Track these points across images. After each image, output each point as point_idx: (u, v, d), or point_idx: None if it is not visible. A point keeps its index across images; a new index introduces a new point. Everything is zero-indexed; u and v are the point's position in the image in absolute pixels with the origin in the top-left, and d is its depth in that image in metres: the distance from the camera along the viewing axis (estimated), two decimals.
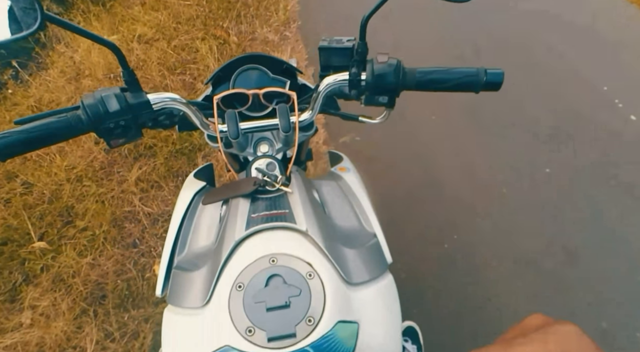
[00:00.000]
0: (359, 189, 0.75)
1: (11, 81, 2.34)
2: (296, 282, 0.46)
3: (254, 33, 2.61)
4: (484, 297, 1.39)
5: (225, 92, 0.61)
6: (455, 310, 1.36)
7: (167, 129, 0.61)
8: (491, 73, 0.56)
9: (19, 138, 0.47)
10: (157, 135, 1.88)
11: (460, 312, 1.35)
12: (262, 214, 0.54)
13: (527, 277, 1.43)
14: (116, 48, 0.49)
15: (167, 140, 1.87)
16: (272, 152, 0.70)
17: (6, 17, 0.44)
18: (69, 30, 0.45)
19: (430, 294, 1.40)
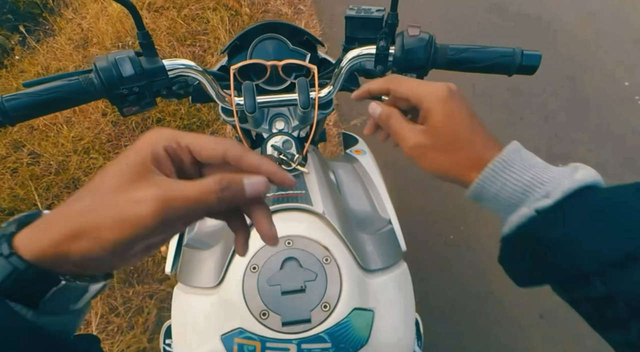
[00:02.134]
0: (374, 173, 0.73)
1: (18, 47, 2.30)
2: (312, 266, 0.44)
3: (267, 5, 2.52)
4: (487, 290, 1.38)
5: (243, 62, 0.57)
6: (456, 300, 1.35)
7: (180, 99, 0.58)
8: (528, 55, 0.51)
9: (28, 101, 0.44)
10: (165, 109, 1.85)
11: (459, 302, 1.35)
12: (278, 194, 0.52)
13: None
14: (132, 7, 0.46)
15: (175, 115, 1.84)
16: (288, 129, 0.66)
17: None
18: None
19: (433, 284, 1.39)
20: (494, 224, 1.52)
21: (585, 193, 0.27)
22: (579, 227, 0.26)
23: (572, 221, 0.26)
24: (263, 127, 0.65)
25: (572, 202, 0.27)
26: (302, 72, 0.64)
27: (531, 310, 1.30)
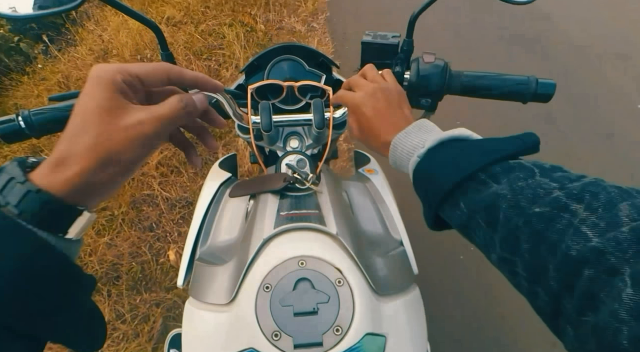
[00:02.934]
0: (386, 193, 0.73)
1: (41, 56, 2.39)
2: (325, 288, 0.44)
3: (282, 22, 2.58)
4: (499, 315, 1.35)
5: (261, 83, 0.59)
6: (466, 324, 1.32)
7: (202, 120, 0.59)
8: (543, 84, 0.52)
9: (54, 115, 0.46)
10: None
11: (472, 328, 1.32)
12: (292, 213, 0.52)
13: None
14: (158, 29, 0.48)
15: None
16: (302, 148, 0.68)
17: None
18: (113, 7, 0.44)
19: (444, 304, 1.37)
20: None
21: (451, 143, 0.36)
22: (440, 161, 0.35)
23: (436, 158, 0.36)
24: (278, 145, 0.67)
25: (438, 149, 0.37)
26: (317, 93, 0.66)
27: (544, 338, 1.27)
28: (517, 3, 0.49)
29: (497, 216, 0.29)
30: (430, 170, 0.36)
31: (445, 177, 0.34)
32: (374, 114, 0.44)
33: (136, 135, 0.27)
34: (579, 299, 0.23)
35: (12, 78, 2.24)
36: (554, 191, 0.27)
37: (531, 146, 0.34)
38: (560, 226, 0.25)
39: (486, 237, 0.31)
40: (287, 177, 0.56)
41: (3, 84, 2.21)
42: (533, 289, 0.27)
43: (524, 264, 0.27)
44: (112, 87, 0.27)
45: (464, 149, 0.35)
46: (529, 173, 0.30)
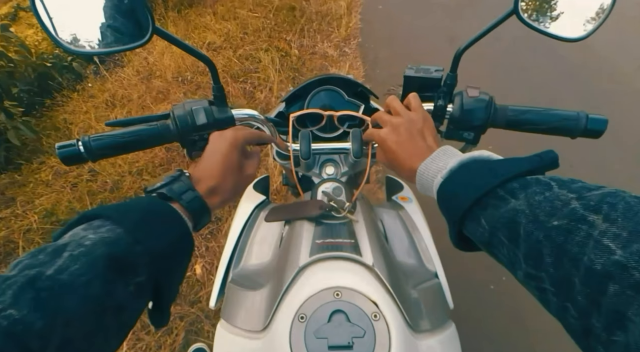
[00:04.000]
0: (420, 222, 0.72)
1: (91, 76, 2.58)
2: (361, 321, 0.43)
3: (315, 47, 2.67)
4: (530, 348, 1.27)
5: (303, 111, 0.61)
6: None
7: None
8: (593, 119, 0.51)
9: (111, 141, 0.49)
10: None
11: None
12: (327, 241, 0.52)
13: None
14: (211, 64, 0.51)
15: None
16: (337, 175, 0.68)
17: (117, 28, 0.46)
18: (174, 44, 0.47)
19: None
20: None
21: (472, 164, 0.38)
22: (461, 180, 0.37)
23: (458, 178, 0.38)
24: (314, 171, 0.68)
25: (459, 169, 0.39)
26: (354, 121, 0.67)
27: None
28: (566, 39, 0.48)
29: (517, 231, 0.29)
30: (452, 189, 0.38)
31: (465, 194, 0.35)
32: (397, 147, 0.48)
33: (248, 179, 0.50)
34: (606, 317, 0.22)
35: (63, 94, 2.42)
36: (571, 201, 0.27)
37: (549, 162, 0.34)
38: (578, 238, 0.25)
39: (510, 254, 0.31)
40: (323, 205, 0.56)
41: (55, 100, 2.39)
42: (562, 304, 0.26)
43: (550, 278, 0.27)
44: (240, 150, 0.48)
45: (483, 167, 0.36)
46: (546, 186, 0.30)
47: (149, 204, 0.37)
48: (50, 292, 0.25)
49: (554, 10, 0.51)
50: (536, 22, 0.49)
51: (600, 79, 2.35)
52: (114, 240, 0.31)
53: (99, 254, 0.29)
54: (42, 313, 0.24)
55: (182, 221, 0.38)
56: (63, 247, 0.29)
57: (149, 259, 0.33)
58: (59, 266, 0.27)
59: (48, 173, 1.91)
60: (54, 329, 0.24)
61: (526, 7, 0.49)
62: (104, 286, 0.28)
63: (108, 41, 0.45)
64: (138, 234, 0.32)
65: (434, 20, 2.99)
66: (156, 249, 0.33)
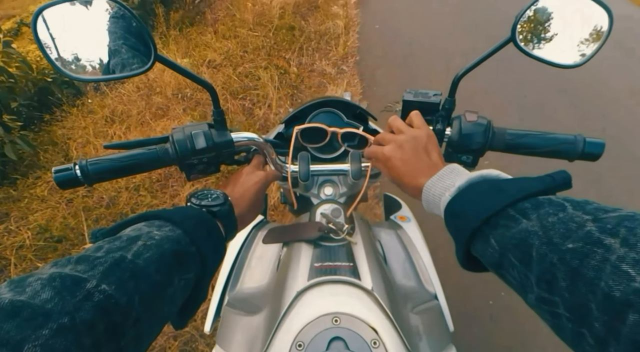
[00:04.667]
0: (419, 241, 0.71)
1: (91, 92, 2.60)
2: (360, 349, 0.42)
3: (313, 65, 2.71)
4: None
5: (307, 125, 0.61)
6: None
7: (240, 165, 0.62)
8: (590, 143, 0.51)
9: (108, 166, 0.49)
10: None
11: None
12: (325, 265, 0.52)
13: None
14: (212, 89, 0.51)
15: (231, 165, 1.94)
16: (335, 196, 0.68)
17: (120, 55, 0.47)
18: (175, 70, 0.47)
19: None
20: None
21: (481, 183, 0.37)
22: (470, 199, 0.37)
23: (467, 196, 0.37)
24: (312, 191, 0.67)
25: (468, 188, 0.38)
26: (353, 142, 0.67)
27: None
28: (563, 66, 0.49)
29: (529, 253, 0.28)
30: (460, 208, 0.37)
31: (474, 213, 0.34)
32: (401, 164, 0.47)
33: (259, 210, 0.56)
34: (625, 347, 0.21)
35: (62, 109, 2.43)
36: (586, 223, 0.26)
37: (561, 183, 0.33)
38: (594, 262, 0.24)
39: (521, 276, 0.30)
40: (322, 227, 0.56)
41: (54, 115, 2.40)
42: (578, 331, 0.25)
43: (564, 303, 0.25)
44: (265, 189, 0.56)
45: (493, 186, 0.35)
46: (559, 207, 0.29)
47: (201, 215, 0.42)
48: (131, 273, 0.29)
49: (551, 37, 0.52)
50: (534, 50, 0.50)
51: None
52: (176, 238, 0.35)
53: (167, 247, 0.33)
54: (125, 291, 0.27)
55: (222, 235, 0.44)
56: (137, 237, 0.33)
57: (199, 259, 0.37)
58: (135, 252, 0.30)
59: (44, 188, 1.89)
60: (132, 307, 0.27)
61: (523, 34, 0.50)
62: (167, 275, 0.32)
63: (110, 68, 0.45)
64: (194, 236, 0.37)
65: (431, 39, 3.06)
66: (206, 251, 0.38)
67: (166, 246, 0.33)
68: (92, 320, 0.24)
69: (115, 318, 0.26)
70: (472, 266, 0.38)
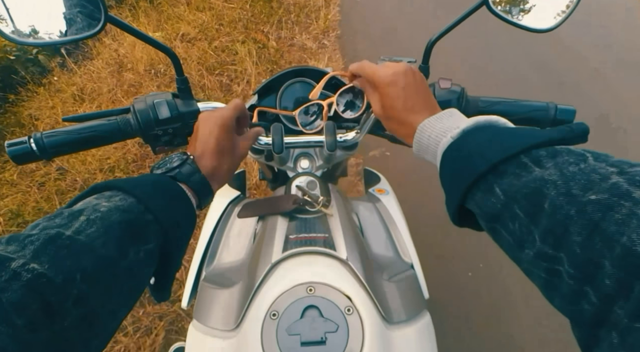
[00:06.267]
0: (397, 214, 0.72)
1: (57, 69, 2.45)
2: (334, 316, 0.42)
3: (293, 39, 2.63)
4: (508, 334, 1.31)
5: (269, 109, 0.59)
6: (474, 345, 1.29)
7: None
8: (562, 110, 0.52)
9: (66, 138, 0.46)
10: None
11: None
12: (301, 236, 0.51)
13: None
14: (174, 55, 0.48)
15: None
16: (312, 169, 0.67)
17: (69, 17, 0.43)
18: (129, 33, 0.44)
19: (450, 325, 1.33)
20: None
21: (485, 127, 0.35)
22: (477, 142, 0.33)
23: (473, 139, 0.34)
24: (288, 165, 0.66)
25: (475, 130, 0.35)
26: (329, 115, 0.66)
27: None
28: (535, 31, 0.48)
29: (541, 204, 0.26)
30: (464, 151, 0.34)
31: (481, 157, 0.31)
32: (402, 93, 0.42)
33: (242, 155, 0.49)
34: (635, 303, 0.20)
35: (28, 89, 2.29)
36: (611, 175, 0.24)
37: (580, 134, 0.31)
38: (619, 216, 0.22)
39: (522, 230, 0.28)
40: (297, 199, 0.55)
41: (19, 95, 2.27)
42: (579, 288, 0.24)
43: (572, 259, 0.24)
44: (230, 130, 0.47)
45: (503, 131, 0.32)
46: (580, 157, 0.27)
47: (158, 180, 0.39)
48: (69, 250, 0.27)
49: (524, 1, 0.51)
50: (506, 13, 0.50)
51: None
52: (127, 208, 0.33)
53: (114, 219, 0.31)
54: (61, 269, 0.26)
55: (188, 199, 0.41)
56: (79, 212, 0.31)
57: (158, 228, 0.35)
58: (76, 228, 0.29)
59: (13, 172, 1.81)
60: (72, 285, 0.26)
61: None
62: (118, 248, 0.30)
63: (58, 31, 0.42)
64: (149, 204, 0.34)
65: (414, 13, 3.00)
66: (165, 219, 0.35)
67: (114, 217, 0.31)
68: (21, 300, 0.23)
69: (50, 298, 0.24)
70: (461, 220, 0.36)
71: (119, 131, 0.48)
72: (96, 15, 0.41)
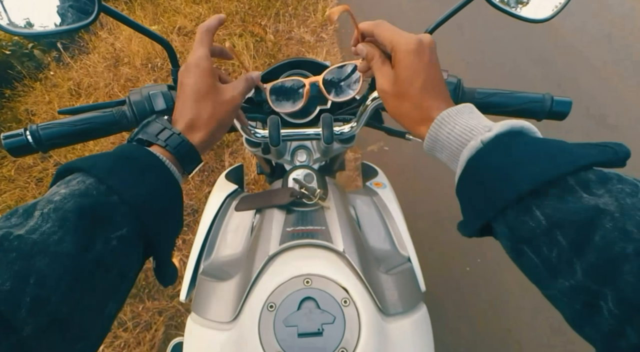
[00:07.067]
0: (394, 207, 0.72)
1: (53, 63, 2.43)
2: (330, 308, 0.43)
3: (291, 32, 2.61)
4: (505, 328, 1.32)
5: (277, 81, 0.57)
6: (471, 338, 1.30)
7: None
8: (558, 101, 0.51)
9: (62, 130, 0.46)
10: None
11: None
12: (298, 229, 0.52)
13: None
14: (169, 46, 0.48)
15: None
16: (309, 162, 0.67)
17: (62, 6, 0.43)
18: (124, 23, 0.44)
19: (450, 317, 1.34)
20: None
21: (517, 133, 0.31)
22: (515, 154, 0.29)
23: (510, 149, 0.30)
24: (285, 158, 0.66)
25: (509, 136, 0.31)
26: (326, 107, 0.66)
27: (550, 351, 1.24)
28: (532, 21, 0.48)
29: (591, 235, 0.24)
30: (498, 162, 0.29)
31: (523, 174, 0.27)
32: (426, 68, 0.36)
33: (232, 107, 0.42)
34: None
35: (24, 84, 2.28)
36: None
37: (623, 158, 0.28)
38: None
39: (560, 259, 0.25)
40: (294, 192, 0.55)
41: (15, 90, 2.25)
42: (620, 328, 0.22)
43: (619, 299, 0.22)
44: (211, 73, 0.40)
45: (543, 144, 0.29)
46: (634, 187, 0.24)
47: (123, 151, 0.33)
48: (18, 253, 0.24)
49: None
50: (502, 3, 0.49)
51: None
52: (84, 191, 0.28)
53: (68, 208, 0.27)
54: (10, 274, 0.23)
55: (162, 165, 0.34)
56: (33, 206, 0.27)
57: (128, 210, 0.30)
58: (30, 226, 0.25)
59: (10, 168, 1.81)
60: (24, 291, 0.23)
61: None
62: (77, 242, 0.26)
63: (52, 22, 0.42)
64: (111, 182, 0.29)
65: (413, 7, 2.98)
66: (136, 197, 0.30)
67: (69, 206, 0.27)
68: None
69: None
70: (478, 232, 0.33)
71: (115, 123, 0.48)
72: (89, 5, 0.41)
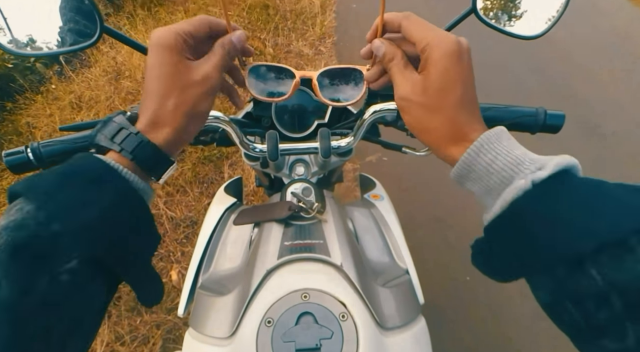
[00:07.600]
0: (392, 219, 0.72)
1: (55, 76, 2.46)
2: (328, 323, 0.43)
3: (290, 46, 2.65)
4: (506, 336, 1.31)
5: (262, 62, 0.58)
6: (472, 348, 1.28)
7: (206, 145, 0.60)
8: (551, 115, 0.52)
9: (62, 148, 0.47)
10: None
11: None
12: (296, 243, 0.52)
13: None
14: None
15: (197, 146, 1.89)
16: (307, 175, 0.68)
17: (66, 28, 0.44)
18: (125, 44, 0.45)
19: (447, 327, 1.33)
20: None
21: (565, 174, 0.26)
22: (575, 202, 0.24)
23: (563, 197, 0.25)
24: (283, 172, 0.67)
25: (566, 179, 0.26)
26: (323, 121, 0.67)
27: None
28: (523, 38, 0.49)
29: None
30: (553, 213, 0.25)
31: (583, 232, 0.24)
32: (466, 75, 0.31)
33: (205, 89, 0.33)
34: None
35: (25, 97, 2.30)
36: None
37: None
38: None
39: (609, 319, 0.23)
40: (292, 206, 0.56)
41: (17, 103, 2.27)
42: None
43: None
44: (175, 50, 0.32)
45: (599, 192, 0.25)
46: None
47: (71, 164, 0.28)
48: None
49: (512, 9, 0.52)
50: (494, 21, 0.50)
51: None
52: (19, 223, 0.24)
53: (0, 246, 0.23)
54: None
55: (117, 175, 0.29)
56: None
57: (74, 238, 0.25)
58: None
59: (10, 181, 1.81)
60: None
61: (484, 6, 0.50)
62: (15, 284, 0.22)
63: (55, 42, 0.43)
64: (51, 207, 0.25)
65: None
66: (83, 222, 0.26)
67: (1, 242, 0.23)
68: None
69: None
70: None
71: None
72: (92, 26, 0.42)
